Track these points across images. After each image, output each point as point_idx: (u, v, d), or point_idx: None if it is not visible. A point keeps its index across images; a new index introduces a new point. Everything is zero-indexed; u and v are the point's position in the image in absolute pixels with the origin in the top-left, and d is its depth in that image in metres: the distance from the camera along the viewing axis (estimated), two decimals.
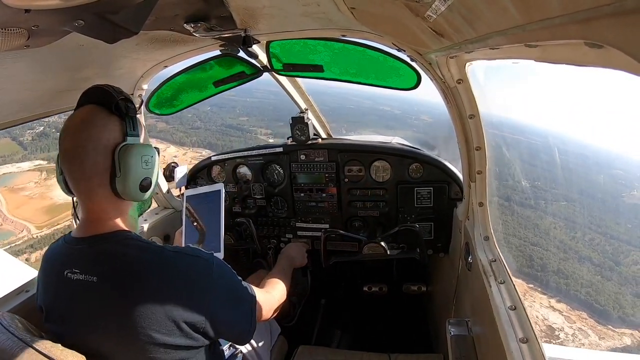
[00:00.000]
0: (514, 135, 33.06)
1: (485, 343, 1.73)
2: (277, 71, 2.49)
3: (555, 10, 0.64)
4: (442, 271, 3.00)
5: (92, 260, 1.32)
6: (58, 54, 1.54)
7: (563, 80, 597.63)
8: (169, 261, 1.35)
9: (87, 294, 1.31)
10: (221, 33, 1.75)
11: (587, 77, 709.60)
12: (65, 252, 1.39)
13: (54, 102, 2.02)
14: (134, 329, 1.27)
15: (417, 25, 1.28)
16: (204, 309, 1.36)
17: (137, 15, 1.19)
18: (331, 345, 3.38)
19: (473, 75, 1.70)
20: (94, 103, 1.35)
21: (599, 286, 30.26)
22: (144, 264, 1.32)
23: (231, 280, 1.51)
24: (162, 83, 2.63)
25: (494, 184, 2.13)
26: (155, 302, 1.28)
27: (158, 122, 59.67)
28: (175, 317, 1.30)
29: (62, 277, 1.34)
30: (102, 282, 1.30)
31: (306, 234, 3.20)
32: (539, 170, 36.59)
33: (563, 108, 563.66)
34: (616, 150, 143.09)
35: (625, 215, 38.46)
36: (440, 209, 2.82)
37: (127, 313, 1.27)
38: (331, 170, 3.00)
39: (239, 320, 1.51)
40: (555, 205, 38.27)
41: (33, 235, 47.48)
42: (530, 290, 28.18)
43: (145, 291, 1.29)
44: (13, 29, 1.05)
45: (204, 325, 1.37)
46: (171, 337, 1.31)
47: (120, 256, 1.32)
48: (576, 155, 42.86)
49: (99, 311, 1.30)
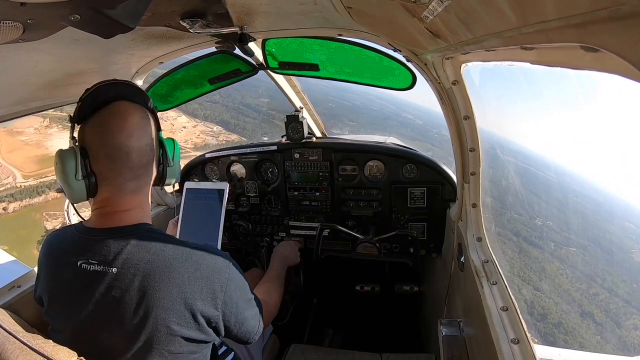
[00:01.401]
0: (532, 168, 32.98)
1: (477, 343, 1.74)
2: (272, 69, 2.48)
3: (551, 13, 0.65)
4: (434, 271, 3.01)
5: (113, 251, 1.31)
6: (53, 48, 1.52)
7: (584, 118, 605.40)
8: (191, 255, 1.36)
9: (104, 285, 1.30)
10: (217, 30, 1.74)
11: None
12: (79, 242, 1.36)
13: (49, 96, 2.00)
14: (153, 320, 1.28)
15: (413, 25, 1.28)
16: (220, 304, 1.38)
17: (134, 11, 1.18)
18: (323, 344, 3.38)
19: (468, 76, 1.71)
20: (127, 100, 1.39)
21: (598, 347, 30.20)
22: (167, 256, 1.33)
23: (243, 281, 1.53)
24: (157, 79, 2.61)
25: (487, 185, 2.14)
26: (178, 294, 1.30)
27: None
28: (194, 309, 1.32)
29: (75, 267, 1.32)
30: (123, 273, 1.29)
31: (299, 232, 3.20)
32: (552, 209, 36.48)
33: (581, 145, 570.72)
34: (631, 201, 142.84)
35: (633, 274, 38.51)
36: (434, 210, 2.84)
37: (147, 303, 1.27)
38: (325, 169, 3.00)
39: (249, 320, 1.54)
40: (564, 250, 38.15)
41: (17, 184, 47.24)
42: None
43: (168, 283, 1.29)
44: (8, 22, 1.04)
45: (217, 320, 1.39)
46: (187, 329, 1.33)
47: (144, 248, 1.33)
48: (590, 200, 42.96)
49: (117, 302, 1.29)
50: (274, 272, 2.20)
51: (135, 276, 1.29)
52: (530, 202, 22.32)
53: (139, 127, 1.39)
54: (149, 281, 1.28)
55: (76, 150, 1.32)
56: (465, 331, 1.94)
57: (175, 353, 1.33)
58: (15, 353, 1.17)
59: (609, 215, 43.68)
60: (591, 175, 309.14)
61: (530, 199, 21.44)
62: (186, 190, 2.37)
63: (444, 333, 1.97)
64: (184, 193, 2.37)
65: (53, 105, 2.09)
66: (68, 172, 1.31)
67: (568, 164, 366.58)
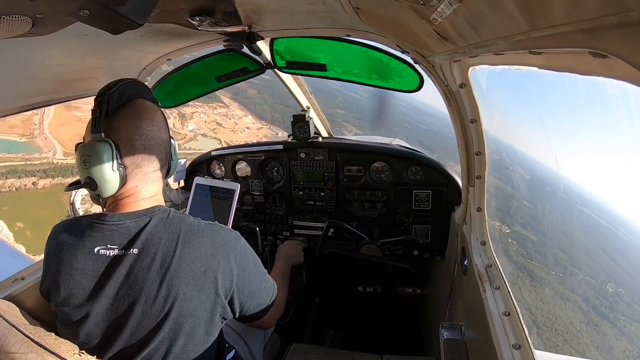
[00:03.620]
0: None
1: (478, 348, 1.73)
2: (280, 68, 2.49)
3: (560, 18, 0.64)
4: (437, 274, 3.00)
5: (133, 233, 1.36)
6: (61, 43, 1.53)
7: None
8: (206, 230, 1.43)
9: (126, 267, 1.33)
10: (225, 28, 1.75)
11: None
12: (94, 230, 1.38)
13: (56, 91, 2.02)
14: (175, 295, 1.32)
15: (421, 27, 1.28)
16: (235, 276, 1.44)
17: (142, 7, 1.18)
18: (324, 344, 3.38)
19: (476, 80, 1.70)
20: (145, 98, 1.49)
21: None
22: (184, 232, 1.38)
23: (255, 256, 1.60)
24: (165, 76, 2.63)
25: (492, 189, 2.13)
26: (199, 267, 1.36)
27: (249, 87, 57.86)
28: (216, 281, 1.38)
29: (92, 254, 1.35)
30: (144, 253, 1.34)
31: (303, 232, 3.20)
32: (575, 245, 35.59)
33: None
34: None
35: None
36: (438, 213, 2.83)
37: (170, 279, 1.32)
38: (330, 169, 3.00)
39: (261, 292, 1.60)
40: (581, 292, 37.58)
41: (54, 161, 47.15)
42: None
43: (189, 257, 1.35)
44: (17, 17, 1.05)
45: (232, 291, 1.45)
46: (208, 302, 1.39)
47: (162, 227, 1.38)
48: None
49: (141, 281, 1.33)
50: (278, 271, 2.20)
51: (156, 254, 1.33)
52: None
53: (164, 122, 1.52)
54: (169, 258, 1.33)
55: (110, 143, 1.35)
56: (466, 335, 1.93)
57: (191, 332, 1.38)
58: (17, 345, 1.18)
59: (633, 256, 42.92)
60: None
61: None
62: (196, 186, 2.37)
63: (445, 336, 1.96)
64: (192, 188, 2.37)
65: (61, 100, 2.10)
66: (105, 164, 1.34)
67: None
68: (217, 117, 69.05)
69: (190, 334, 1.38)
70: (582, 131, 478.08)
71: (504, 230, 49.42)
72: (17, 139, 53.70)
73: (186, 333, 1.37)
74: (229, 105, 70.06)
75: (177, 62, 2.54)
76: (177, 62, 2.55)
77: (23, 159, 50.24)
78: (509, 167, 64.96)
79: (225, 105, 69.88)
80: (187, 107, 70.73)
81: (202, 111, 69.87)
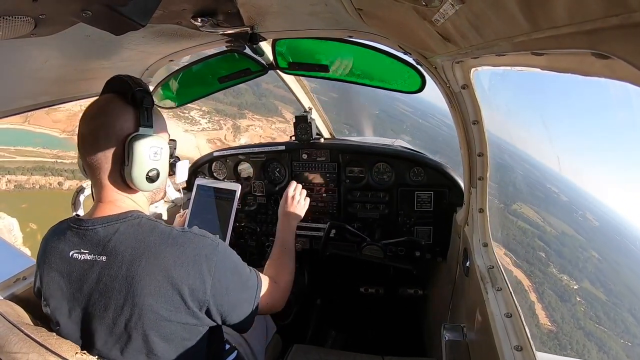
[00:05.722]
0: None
1: (480, 349, 1.73)
2: (282, 69, 2.49)
3: (563, 19, 0.64)
4: (439, 275, 2.99)
5: (102, 240, 1.34)
6: (64, 43, 1.54)
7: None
8: (177, 239, 1.37)
9: (96, 273, 1.32)
10: (228, 29, 1.75)
11: None
12: (72, 234, 1.39)
13: (59, 92, 2.02)
14: (140, 306, 1.29)
15: (424, 28, 1.28)
16: (209, 286, 1.37)
17: (145, 8, 1.19)
18: (325, 345, 3.38)
19: (478, 81, 1.70)
20: (114, 92, 1.44)
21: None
22: (153, 241, 1.34)
23: (236, 263, 1.52)
24: (167, 76, 2.63)
25: (495, 190, 2.12)
26: (163, 278, 1.30)
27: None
28: (182, 293, 1.32)
29: (68, 258, 1.35)
30: (111, 260, 1.31)
31: (305, 233, 3.20)
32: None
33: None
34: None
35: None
36: (440, 214, 2.82)
37: (134, 290, 1.28)
38: (332, 170, 3.00)
39: (241, 303, 1.52)
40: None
41: None
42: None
43: (153, 267, 1.30)
44: (20, 17, 1.05)
45: (208, 303, 1.38)
46: (177, 313, 1.33)
47: (131, 235, 1.35)
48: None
49: (107, 290, 1.31)
50: (278, 247, 2.04)
51: (122, 263, 1.30)
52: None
53: (112, 119, 1.42)
54: (134, 267, 1.30)
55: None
56: (468, 336, 1.92)
57: (167, 338, 1.35)
58: (18, 345, 1.18)
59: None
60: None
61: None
62: (197, 187, 2.38)
63: (447, 337, 1.95)
64: (194, 189, 2.38)
65: (63, 100, 2.11)
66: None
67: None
68: (273, 131, 67.55)
69: (167, 342, 1.35)
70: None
71: (571, 286, 49.06)
72: (57, 134, 53.39)
73: (161, 343, 1.34)
74: (289, 120, 66.57)
75: (179, 63, 2.55)
76: (180, 63, 2.55)
77: (55, 156, 49.81)
78: (577, 210, 65.54)
79: (286, 121, 67.05)
80: (243, 120, 70.43)
81: (259, 125, 68.52)
